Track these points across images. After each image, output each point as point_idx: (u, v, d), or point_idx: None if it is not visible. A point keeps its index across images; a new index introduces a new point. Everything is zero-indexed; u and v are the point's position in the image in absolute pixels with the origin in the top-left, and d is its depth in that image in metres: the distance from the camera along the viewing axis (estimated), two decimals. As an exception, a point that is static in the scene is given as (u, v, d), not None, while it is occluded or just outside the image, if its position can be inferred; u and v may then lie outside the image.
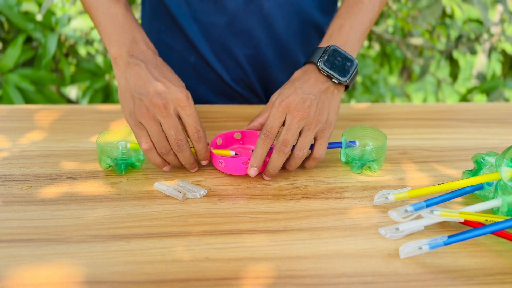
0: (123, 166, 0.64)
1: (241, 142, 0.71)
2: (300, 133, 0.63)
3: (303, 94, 0.62)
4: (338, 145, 0.67)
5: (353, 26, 0.69)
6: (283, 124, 0.63)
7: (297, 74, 0.67)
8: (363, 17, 0.70)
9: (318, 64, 0.65)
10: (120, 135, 0.67)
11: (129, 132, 0.67)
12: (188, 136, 0.63)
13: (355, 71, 0.66)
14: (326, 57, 0.65)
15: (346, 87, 0.67)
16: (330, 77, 0.65)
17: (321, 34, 0.89)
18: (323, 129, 0.64)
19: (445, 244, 0.49)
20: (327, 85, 0.65)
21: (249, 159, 0.62)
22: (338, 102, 0.66)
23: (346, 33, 0.69)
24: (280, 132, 0.63)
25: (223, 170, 0.64)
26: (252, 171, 0.62)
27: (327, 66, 0.65)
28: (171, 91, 0.60)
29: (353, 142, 0.66)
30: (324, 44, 0.69)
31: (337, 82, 0.65)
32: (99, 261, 0.49)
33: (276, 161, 0.62)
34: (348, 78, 0.65)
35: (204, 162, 0.65)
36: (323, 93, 0.64)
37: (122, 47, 0.65)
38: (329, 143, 0.67)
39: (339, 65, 0.65)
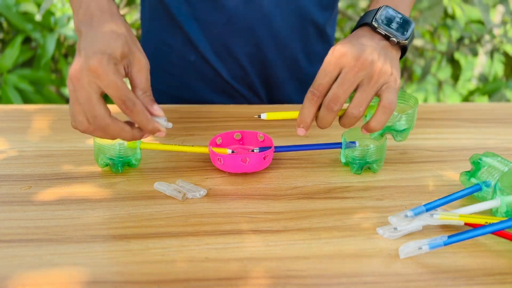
0: (120, 165, 0.64)
1: (241, 142, 0.71)
2: (356, 89, 0.56)
3: (361, 45, 0.55)
4: (338, 145, 0.67)
5: None
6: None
7: (349, 36, 0.59)
8: None
9: (373, 23, 0.57)
10: None
11: None
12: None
13: (413, 31, 0.59)
14: (380, 15, 0.58)
15: (403, 51, 0.60)
16: (387, 37, 0.58)
17: (320, 31, 0.89)
18: (388, 81, 0.55)
19: (445, 244, 0.49)
20: (385, 43, 0.58)
21: (247, 156, 0.62)
22: (398, 63, 0.58)
23: None
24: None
25: (222, 168, 0.64)
26: (300, 131, 0.58)
27: (384, 24, 0.57)
28: (85, 60, 0.51)
29: (353, 142, 0.66)
30: (374, 6, 0.62)
31: (396, 41, 0.58)
32: (99, 261, 0.49)
33: (324, 119, 0.56)
34: (408, 38, 0.58)
35: (160, 134, 0.56)
36: (383, 48, 0.57)
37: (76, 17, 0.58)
38: (329, 144, 0.67)
39: (396, 23, 0.58)
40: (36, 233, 0.53)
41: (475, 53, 1.93)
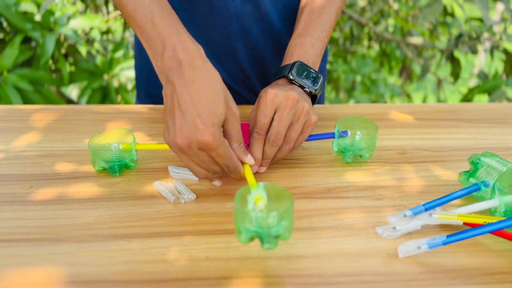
0: (117, 168, 0.64)
1: None
2: (288, 126, 0.63)
3: (286, 90, 0.63)
4: (331, 135, 0.69)
5: (313, 44, 0.71)
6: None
7: (271, 85, 0.67)
8: (321, 34, 0.73)
9: (289, 76, 0.66)
10: (111, 137, 0.66)
11: (121, 133, 0.66)
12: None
13: (321, 83, 0.68)
14: (295, 69, 0.66)
15: (313, 99, 0.69)
16: (302, 87, 0.66)
17: None
18: (307, 125, 0.64)
19: (444, 243, 0.50)
20: (301, 90, 0.66)
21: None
22: (312, 106, 0.67)
23: (307, 51, 0.70)
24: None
25: None
26: (253, 168, 0.63)
27: (298, 77, 0.66)
28: (196, 133, 0.53)
29: (345, 132, 0.68)
30: (287, 62, 0.70)
31: (308, 91, 0.66)
32: (100, 260, 0.50)
33: (270, 153, 0.63)
34: (318, 88, 0.67)
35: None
36: (301, 92, 0.66)
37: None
38: (322, 134, 0.69)
39: (308, 76, 0.67)
40: (37, 232, 0.54)
41: (474, 51, 1.93)
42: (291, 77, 0.66)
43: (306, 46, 0.71)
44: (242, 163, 0.60)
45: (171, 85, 0.55)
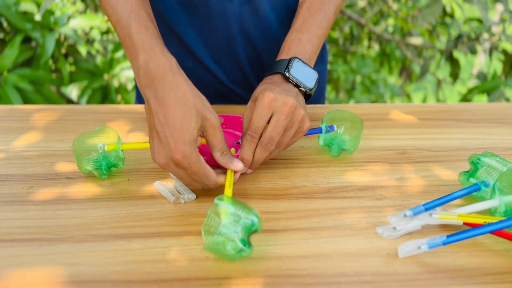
0: (105, 169, 0.63)
1: (224, 126, 0.73)
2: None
3: (284, 91, 0.62)
4: (318, 130, 0.69)
5: (310, 40, 0.71)
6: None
7: (265, 81, 0.66)
8: (318, 30, 0.73)
9: (286, 73, 0.65)
10: (95, 137, 0.65)
11: (104, 132, 0.65)
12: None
13: (316, 81, 0.67)
14: (291, 67, 0.66)
15: (307, 97, 0.68)
16: (297, 86, 0.65)
17: None
18: (299, 131, 0.63)
19: (444, 243, 0.50)
20: (297, 90, 0.65)
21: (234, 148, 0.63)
22: (305, 106, 0.67)
23: (304, 47, 0.70)
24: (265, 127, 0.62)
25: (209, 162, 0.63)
26: (243, 170, 0.62)
27: (294, 75, 0.65)
28: (170, 153, 0.55)
29: (331, 127, 0.70)
30: (284, 56, 0.69)
31: (304, 90, 0.66)
32: (100, 260, 0.50)
33: (261, 156, 0.62)
34: (314, 87, 0.67)
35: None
36: (297, 95, 0.65)
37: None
38: (311, 129, 0.69)
39: (304, 74, 0.66)
40: (37, 232, 0.54)
41: (473, 52, 1.93)
42: (287, 75, 0.65)
43: (303, 41, 0.71)
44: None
45: (148, 104, 0.57)
